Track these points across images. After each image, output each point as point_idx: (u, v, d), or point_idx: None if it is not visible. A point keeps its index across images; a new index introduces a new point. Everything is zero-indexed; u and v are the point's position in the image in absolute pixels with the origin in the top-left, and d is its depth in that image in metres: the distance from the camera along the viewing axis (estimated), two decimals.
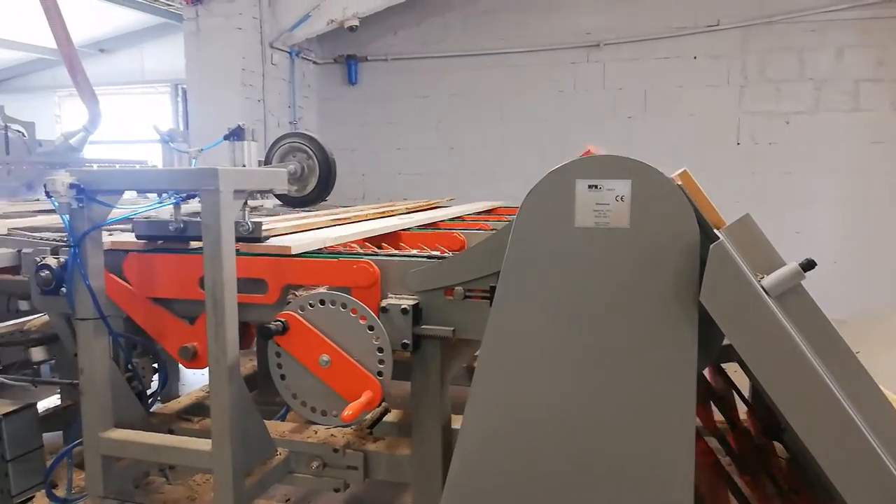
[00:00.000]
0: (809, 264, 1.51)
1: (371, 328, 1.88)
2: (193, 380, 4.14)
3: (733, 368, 2.42)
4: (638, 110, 6.62)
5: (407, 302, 1.92)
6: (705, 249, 1.51)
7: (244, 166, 2.46)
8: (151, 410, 2.54)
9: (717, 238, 1.51)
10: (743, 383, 2.70)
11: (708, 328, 1.56)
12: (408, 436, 2.19)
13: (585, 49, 6.70)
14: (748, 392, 2.79)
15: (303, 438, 2.31)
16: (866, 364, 1.54)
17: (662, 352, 1.57)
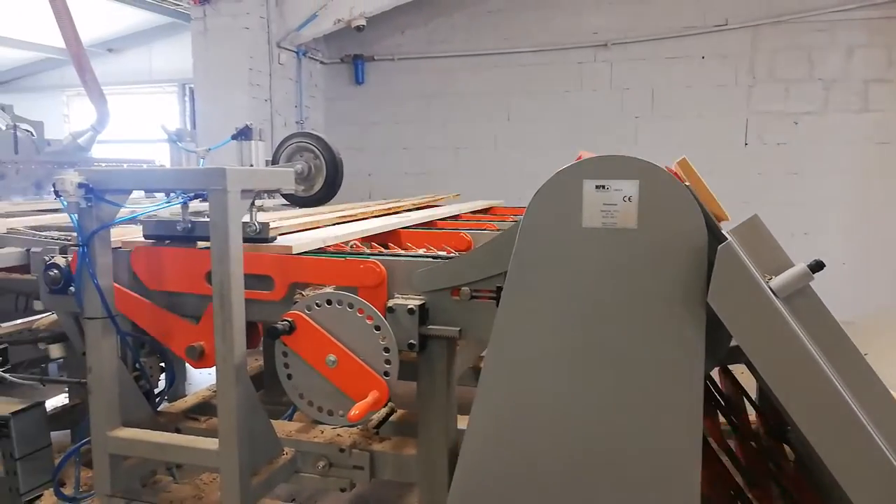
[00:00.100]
0: (818, 265, 1.50)
1: (377, 328, 1.88)
2: (200, 379, 4.16)
3: (740, 370, 2.41)
4: (645, 110, 6.60)
5: (413, 302, 1.92)
6: (713, 250, 1.51)
7: (252, 166, 2.46)
8: (159, 409, 2.55)
9: (725, 239, 1.50)
10: (750, 385, 2.68)
11: (715, 329, 1.56)
12: (414, 436, 2.19)
13: (593, 49, 6.69)
14: (755, 393, 2.78)
15: (309, 438, 2.32)
16: (874, 366, 1.53)
17: (670, 353, 1.57)
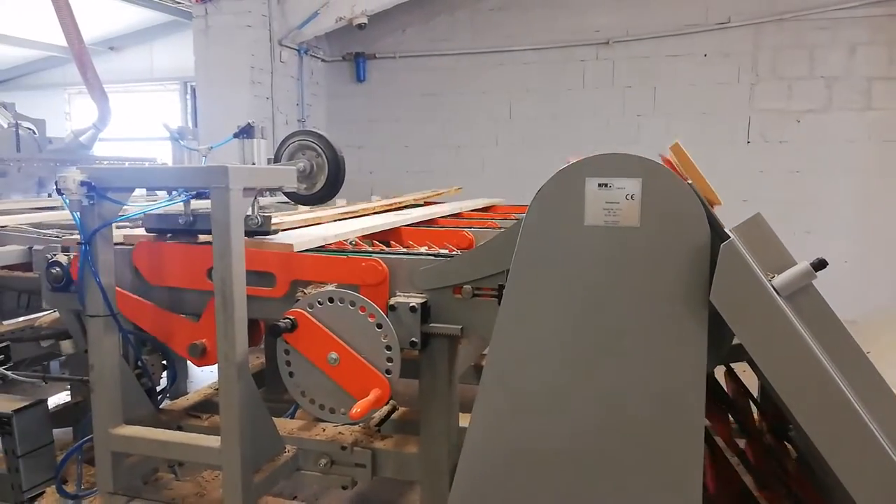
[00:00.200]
0: (821, 264, 1.50)
1: (379, 326, 1.88)
2: (202, 377, 4.17)
3: (742, 368, 2.41)
4: (647, 108, 6.58)
5: (415, 300, 1.92)
6: (716, 248, 1.50)
7: (254, 164, 2.46)
8: (161, 407, 2.55)
9: (728, 237, 1.50)
10: (751, 383, 2.68)
11: (718, 327, 1.56)
12: (415, 434, 2.19)
13: (595, 47, 6.67)
14: (757, 391, 2.77)
15: (311, 436, 2.32)
16: (877, 364, 1.53)
17: (672, 351, 1.56)
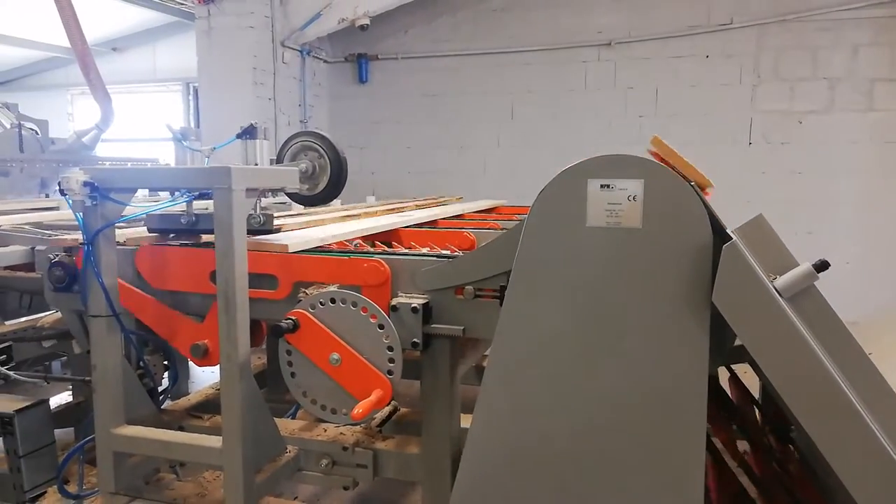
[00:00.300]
0: (823, 265, 1.49)
1: (381, 327, 1.88)
2: (203, 377, 4.17)
3: (743, 369, 2.41)
4: (649, 109, 6.58)
5: (417, 301, 1.92)
6: (718, 249, 1.50)
7: (256, 165, 2.46)
8: (162, 407, 2.56)
9: (730, 238, 1.50)
10: (752, 384, 2.68)
11: (720, 329, 1.55)
12: (417, 434, 2.19)
13: (596, 48, 6.68)
14: (758, 393, 2.77)
15: (312, 436, 2.32)
16: (879, 365, 1.53)
17: (674, 352, 1.56)
